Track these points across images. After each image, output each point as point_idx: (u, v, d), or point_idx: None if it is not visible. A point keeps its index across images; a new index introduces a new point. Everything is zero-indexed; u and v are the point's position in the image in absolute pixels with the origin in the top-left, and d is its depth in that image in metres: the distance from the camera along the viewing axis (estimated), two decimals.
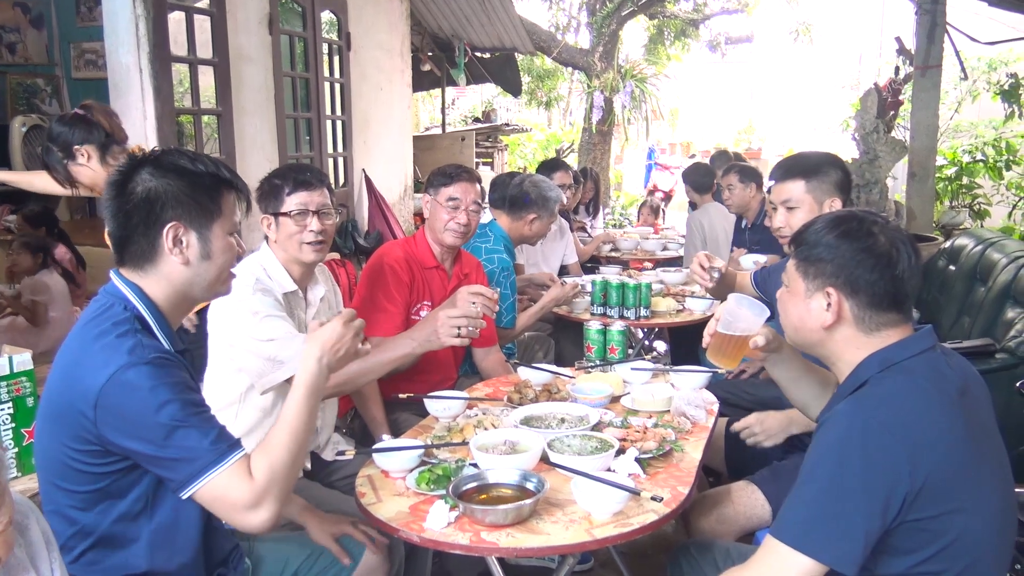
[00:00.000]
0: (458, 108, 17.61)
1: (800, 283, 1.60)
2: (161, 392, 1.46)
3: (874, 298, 1.52)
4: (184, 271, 1.61)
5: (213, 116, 4.91)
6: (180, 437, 1.46)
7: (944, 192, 7.11)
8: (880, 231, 1.55)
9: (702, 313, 3.79)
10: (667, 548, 3.18)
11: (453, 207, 2.90)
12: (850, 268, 1.53)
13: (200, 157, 1.66)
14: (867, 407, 1.43)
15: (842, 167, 2.59)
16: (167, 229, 1.58)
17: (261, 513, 1.50)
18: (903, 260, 1.52)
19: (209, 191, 1.62)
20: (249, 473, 1.50)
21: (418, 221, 8.18)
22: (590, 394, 2.41)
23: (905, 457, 1.36)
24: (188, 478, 1.47)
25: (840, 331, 1.55)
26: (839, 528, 1.37)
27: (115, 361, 1.46)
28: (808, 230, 1.63)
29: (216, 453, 1.48)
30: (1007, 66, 7.40)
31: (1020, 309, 3.90)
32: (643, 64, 12.33)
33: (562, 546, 1.64)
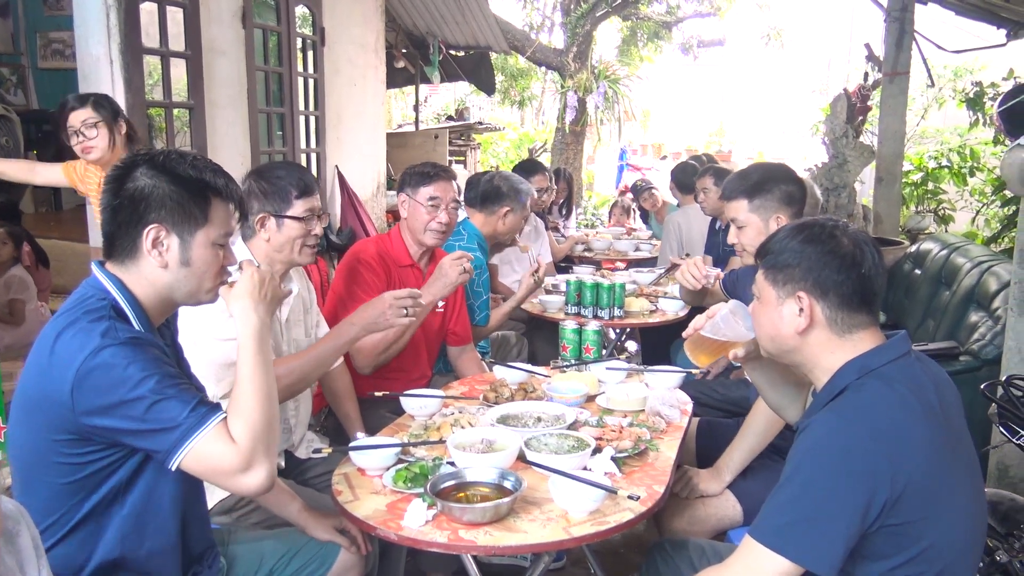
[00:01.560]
0: (430, 106, 17.55)
1: (770, 291, 1.62)
2: (136, 368, 1.46)
3: (843, 298, 1.55)
4: (163, 274, 1.60)
5: (185, 110, 4.85)
6: (159, 409, 1.46)
7: (910, 197, 7.24)
8: (842, 234, 1.58)
9: (675, 314, 3.82)
10: (639, 546, 3.22)
11: (433, 206, 2.90)
12: (817, 270, 1.55)
13: (200, 162, 1.64)
14: (848, 414, 1.45)
15: (788, 180, 2.55)
16: (148, 230, 1.57)
17: (254, 474, 1.51)
18: (868, 259, 1.56)
19: (197, 198, 1.60)
20: (230, 437, 1.50)
21: (390, 219, 8.15)
22: (566, 393, 2.42)
23: (886, 464, 1.38)
24: (172, 446, 1.47)
25: (814, 335, 1.57)
26: (818, 531, 1.39)
27: (88, 344, 1.46)
28: (772, 240, 1.66)
29: (196, 418, 1.48)
30: (972, 74, 7.56)
31: (983, 313, 3.99)
32: (616, 65, 12.39)
33: (539, 544, 1.65)
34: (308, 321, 2.55)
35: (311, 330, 2.56)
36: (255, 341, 1.63)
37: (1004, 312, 3.64)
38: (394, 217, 8.39)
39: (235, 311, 1.66)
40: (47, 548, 1.53)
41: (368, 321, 2.35)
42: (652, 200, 6.74)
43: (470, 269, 2.77)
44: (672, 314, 3.82)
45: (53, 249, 5.61)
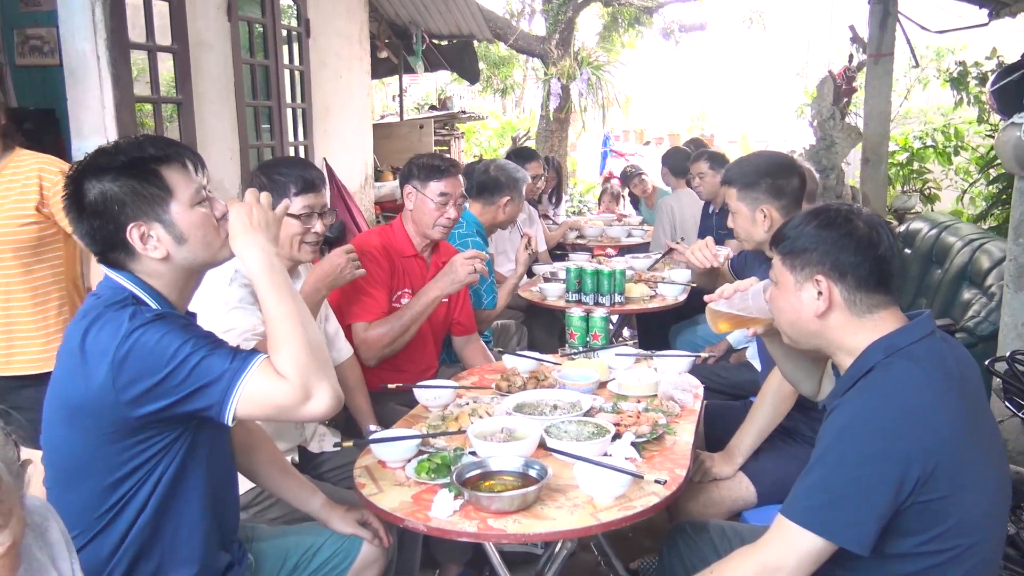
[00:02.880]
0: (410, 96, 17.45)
1: (788, 276, 1.63)
2: (169, 338, 1.46)
3: (861, 280, 1.57)
4: (168, 263, 1.58)
5: (173, 105, 4.80)
6: (201, 369, 1.46)
7: (896, 177, 7.30)
8: (857, 217, 1.60)
9: (674, 298, 3.84)
10: (648, 531, 3.25)
11: (443, 203, 2.89)
12: (835, 253, 1.57)
13: (131, 143, 1.57)
14: (878, 393, 1.47)
15: (780, 174, 2.52)
16: (129, 231, 1.53)
17: (317, 400, 1.50)
18: (884, 241, 1.58)
19: (147, 177, 1.54)
20: (278, 373, 1.49)
21: (379, 210, 8.11)
22: (578, 380, 2.43)
23: (917, 441, 1.40)
24: (223, 396, 1.46)
25: (833, 317, 1.59)
26: (852, 510, 1.41)
27: (118, 332, 1.45)
28: (787, 227, 1.68)
29: (238, 363, 1.48)
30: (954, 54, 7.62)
31: (976, 290, 4.04)
32: (598, 52, 12.37)
33: (569, 530, 1.66)
34: (320, 313, 2.54)
35: (320, 323, 2.55)
36: (266, 272, 1.58)
37: (998, 289, 3.69)
38: (382, 209, 8.36)
39: (237, 251, 1.61)
40: (83, 546, 1.53)
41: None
42: (642, 186, 6.76)
43: (483, 270, 2.77)
44: (671, 299, 3.84)
45: None
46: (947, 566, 1.45)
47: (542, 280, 4.14)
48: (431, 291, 2.78)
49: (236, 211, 1.62)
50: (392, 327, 2.75)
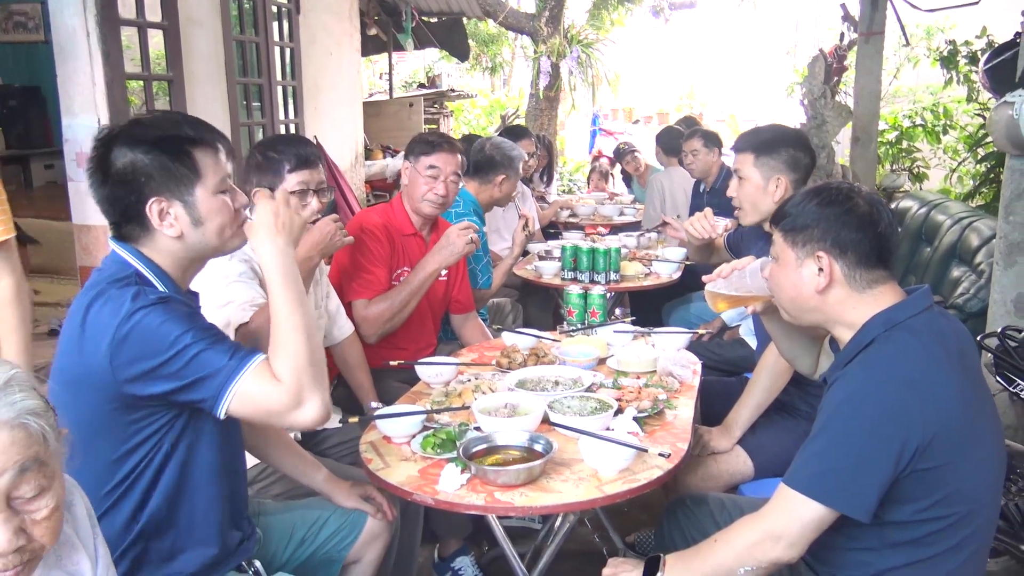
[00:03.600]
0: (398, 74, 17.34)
1: (790, 253, 1.66)
2: (170, 325, 1.46)
3: (861, 256, 1.60)
4: (181, 243, 1.58)
5: (164, 82, 4.75)
6: (199, 361, 1.46)
7: (885, 156, 7.34)
8: (857, 195, 1.63)
9: (668, 276, 3.88)
10: (643, 505, 3.29)
11: (432, 176, 2.89)
12: (836, 230, 1.60)
13: (169, 119, 1.59)
14: (878, 365, 1.51)
15: (800, 146, 2.55)
16: (149, 205, 1.54)
17: (307, 408, 1.50)
18: (883, 218, 1.61)
19: (180, 156, 1.55)
20: (274, 376, 1.50)
21: (369, 189, 8.09)
22: (578, 357, 2.46)
23: (917, 411, 1.44)
24: (217, 392, 1.47)
25: (833, 293, 1.62)
26: (853, 478, 1.45)
27: (120, 311, 1.46)
28: (788, 204, 1.70)
29: (236, 362, 1.48)
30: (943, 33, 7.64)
31: (966, 267, 4.10)
32: (588, 29, 12.30)
33: (576, 503, 1.69)
34: (318, 293, 2.55)
35: (321, 301, 2.57)
36: (280, 274, 1.59)
37: (987, 266, 3.74)
38: (372, 187, 8.34)
39: (255, 246, 1.62)
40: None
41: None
42: (635, 163, 6.77)
43: (476, 240, 2.79)
44: (666, 277, 3.88)
45: (28, 228, 5.51)
46: (944, 533, 1.50)
47: (537, 258, 4.16)
48: (428, 264, 2.79)
49: (263, 208, 1.63)
50: (392, 302, 2.77)
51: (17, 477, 0.96)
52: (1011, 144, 3.18)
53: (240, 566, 1.73)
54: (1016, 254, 3.34)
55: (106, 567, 1.24)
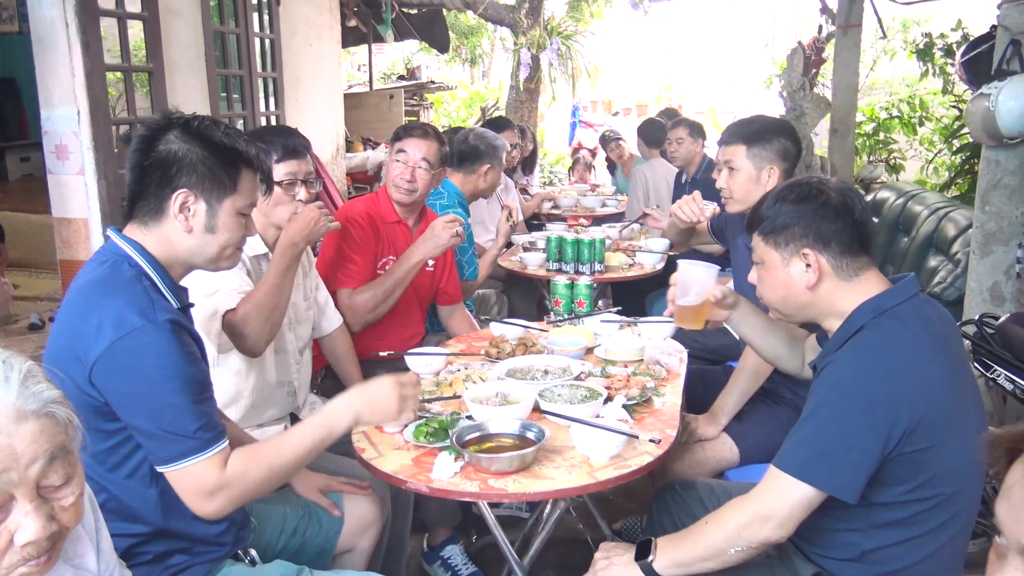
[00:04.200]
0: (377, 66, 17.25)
1: (774, 255, 1.70)
2: (164, 361, 1.46)
3: (844, 245, 1.64)
4: (186, 238, 1.61)
5: (144, 73, 4.71)
6: (173, 416, 1.47)
7: (863, 147, 7.42)
8: (827, 187, 1.68)
9: (652, 267, 3.92)
10: (628, 493, 3.33)
11: (400, 161, 2.91)
12: (816, 224, 1.64)
13: (232, 131, 1.65)
14: (867, 351, 1.54)
15: (789, 136, 2.60)
16: (176, 194, 1.58)
17: (215, 502, 1.52)
18: (857, 205, 1.66)
19: (228, 166, 1.62)
20: (223, 464, 1.52)
21: (350, 181, 8.07)
22: (566, 346, 2.48)
23: (904, 395, 1.48)
24: (172, 457, 1.49)
25: (824, 286, 1.66)
26: (842, 461, 1.49)
27: (127, 322, 1.46)
28: (762, 208, 1.74)
29: (202, 441, 1.50)
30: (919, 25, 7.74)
31: (943, 257, 4.16)
32: (568, 21, 12.31)
33: (568, 488, 1.71)
34: (307, 285, 2.56)
35: (310, 293, 2.57)
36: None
37: (964, 256, 3.80)
38: (353, 180, 8.31)
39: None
40: None
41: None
42: (619, 151, 6.83)
43: (462, 234, 2.80)
44: (649, 267, 3.91)
45: (5, 221, 5.43)
46: (929, 513, 1.54)
47: (521, 250, 4.18)
48: (413, 255, 2.80)
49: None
50: (376, 292, 2.78)
51: (47, 466, 0.98)
52: (987, 135, 3.24)
53: (236, 555, 1.74)
54: (992, 243, 3.41)
55: (109, 558, 1.25)
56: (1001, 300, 3.41)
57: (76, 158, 4.12)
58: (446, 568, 2.72)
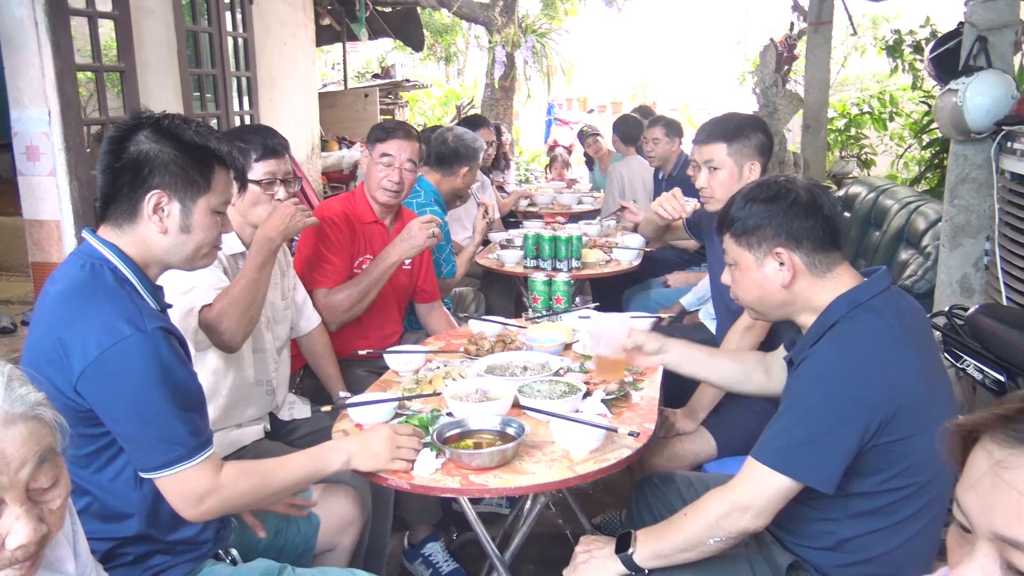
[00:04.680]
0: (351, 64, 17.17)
1: (747, 256, 1.72)
2: (157, 373, 1.46)
3: (816, 242, 1.66)
4: (161, 239, 1.60)
5: (116, 73, 4.66)
6: (163, 424, 1.47)
7: (835, 143, 7.51)
8: (795, 185, 1.70)
9: (629, 263, 3.94)
10: (608, 488, 3.36)
11: (386, 164, 2.90)
12: (787, 223, 1.67)
13: (203, 128, 1.63)
14: (844, 344, 1.57)
15: (763, 130, 2.63)
16: (150, 196, 1.56)
17: (202, 507, 1.54)
18: (825, 201, 1.69)
19: (201, 165, 1.60)
20: (213, 470, 1.53)
21: (326, 181, 8.03)
22: (544, 343, 2.50)
23: (881, 387, 1.51)
24: (163, 464, 1.49)
25: (798, 283, 1.69)
26: (819, 452, 1.52)
27: (114, 331, 1.44)
28: (731, 209, 1.75)
29: (191, 448, 1.50)
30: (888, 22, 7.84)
31: (913, 250, 4.23)
32: (542, 19, 12.33)
33: (549, 483, 1.72)
34: (285, 284, 2.55)
35: (288, 293, 2.57)
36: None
37: (934, 249, 3.86)
38: (329, 179, 8.27)
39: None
40: None
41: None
42: (596, 146, 6.87)
43: (439, 234, 2.81)
44: (626, 263, 3.94)
45: None
46: (904, 502, 1.57)
47: (499, 247, 4.19)
48: (390, 255, 2.80)
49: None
50: (352, 292, 2.77)
51: (36, 469, 0.97)
52: (955, 130, 3.29)
53: (217, 554, 1.74)
54: (961, 236, 3.47)
55: (86, 561, 1.24)
56: (970, 292, 3.47)
57: (47, 159, 4.08)
58: (427, 565, 2.73)
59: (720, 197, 2.57)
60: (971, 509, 0.77)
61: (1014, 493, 0.72)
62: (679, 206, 2.81)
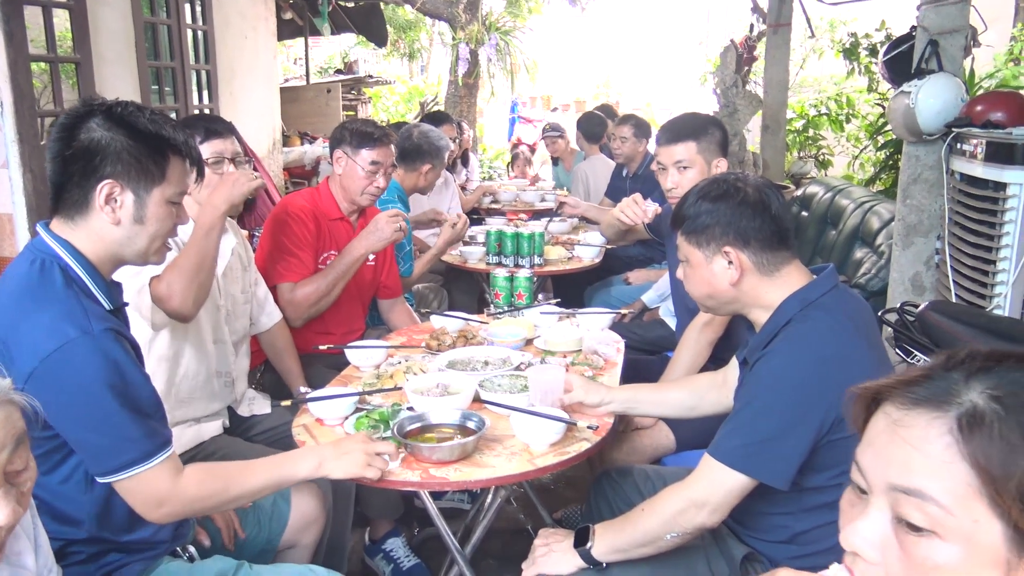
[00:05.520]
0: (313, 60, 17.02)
1: (697, 254, 1.75)
2: (105, 375, 1.42)
3: (763, 241, 1.69)
4: (114, 231, 1.56)
5: (71, 64, 4.57)
6: (115, 426, 1.44)
7: (793, 143, 7.62)
8: (744, 184, 1.73)
9: (591, 260, 3.97)
10: (569, 483, 3.39)
11: (373, 171, 2.88)
12: (735, 223, 1.69)
13: (158, 116, 1.59)
14: (798, 342, 1.60)
15: (722, 128, 2.69)
16: (102, 185, 1.52)
17: (164, 509, 1.51)
18: (773, 201, 1.71)
19: (155, 154, 1.56)
20: (172, 472, 1.51)
21: (287, 176, 7.95)
22: (506, 338, 2.51)
23: (834, 384, 1.53)
24: (119, 467, 1.46)
25: (746, 282, 1.71)
26: (775, 450, 1.55)
27: (60, 332, 1.41)
28: (684, 207, 1.78)
29: (147, 451, 1.47)
30: (846, 26, 7.98)
31: (867, 249, 4.32)
32: (506, 17, 12.35)
33: (509, 476, 1.74)
34: (246, 279, 2.53)
35: (249, 288, 2.55)
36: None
37: (887, 247, 3.96)
38: (291, 175, 8.19)
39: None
40: None
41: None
42: (555, 145, 6.91)
43: (404, 228, 2.80)
44: (588, 260, 3.97)
45: None
46: None
47: (462, 244, 4.19)
48: (356, 249, 2.78)
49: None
50: (318, 286, 2.75)
51: (13, 452, 0.97)
52: (908, 131, 3.38)
53: (175, 551, 1.72)
54: (913, 235, 3.56)
55: (47, 556, 1.23)
56: (922, 289, 3.56)
57: (0, 151, 3.98)
58: (388, 561, 2.72)
59: None
60: (867, 466, 0.85)
61: (907, 447, 0.80)
62: (640, 212, 2.84)
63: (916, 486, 0.78)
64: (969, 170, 3.00)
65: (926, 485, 0.77)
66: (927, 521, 0.77)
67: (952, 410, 0.78)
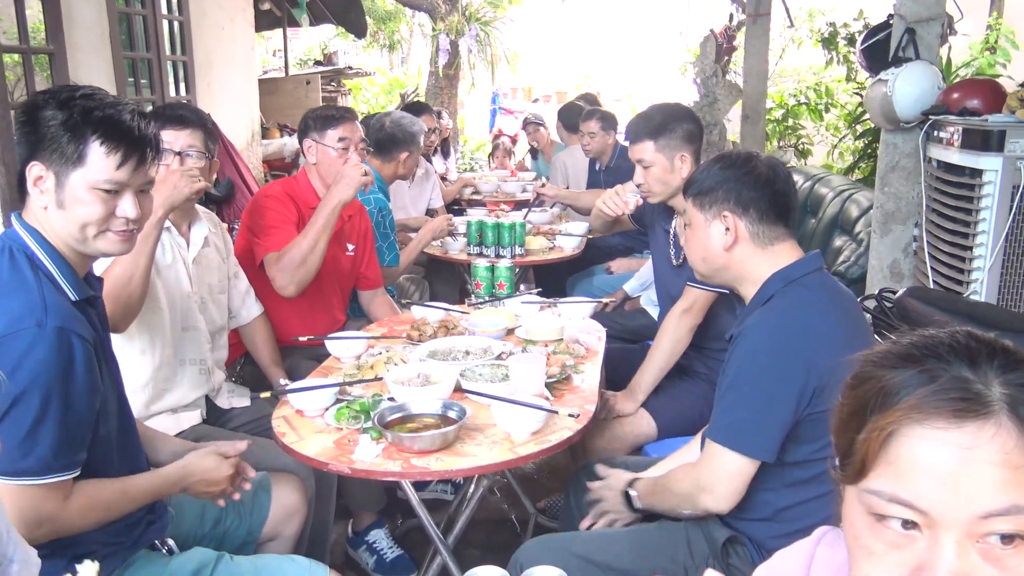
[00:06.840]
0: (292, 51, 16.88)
1: (699, 216, 1.79)
2: (39, 374, 1.38)
3: (762, 212, 1.73)
4: (46, 215, 1.51)
5: (44, 55, 4.50)
6: (27, 429, 1.38)
7: (773, 133, 7.65)
8: (756, 159, 1.78)
9: (572, 250, 3.97)
10: (552, 472, 3.40)
11: (343, 147, 2.86)
12: (737, 190, 1.74)
13: (104, 102, 1.51)
14: (776, 317, 1.64)
15: (689, 118, 2.64)
16: (30, 167, 1.49)
17: (38, 531, 1.43)
18: (780, 178, 1.76)
19: (73, 135, 1.48)
20: (60, 496, 1.45)
21: (267, 168, 7.89)
22: (487, 328, 2.51)
23: (812, 356, 1.56)
24: (10, 472, 1.40)
25: (739, 249, 1.75)
26: (760, 424, 1.59)
27: (15, 323, 1.39)
28: (695, 174, 1.84)
29: (46, 466, 1.41)
30: (825, 15, 8.01)
31: (847, 237, 4.35)
32: (486, 7, 12.30)
33: (490, 464, 1.73)
34: (224, 270, 2.51)
35: (226, 279, 2.53)
36: None
37: (866, 235, 3.99)
38: (270, 167, 8.13)
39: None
40: None
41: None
42: (536, 136, 6.91)
43: (369, 172, 2.76)
44: (569, 250, 3.97)
45: None
46: None
47: None
48: (330, 200, 2.69)
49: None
50: (301, 245, 2.63)
51: None
52: (885, 120, 3.40)
53: (153, 544, 1.71)
54: (891, 223, 3.58)
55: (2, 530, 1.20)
56: (900, 276, 3.59)
57: None
58: (371, 552, 2.72)
59: (657, 191, 2.61)
60: (935, 499, 0.72)
61: (988, 466, 0.71)
62: (621, 203, 2.84)
63: (1015, 502, 0.70)
64: (946, 157, 3.02)
65: (1021, 498, 0.70)
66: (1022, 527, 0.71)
67: (995, 407, 0.72)
